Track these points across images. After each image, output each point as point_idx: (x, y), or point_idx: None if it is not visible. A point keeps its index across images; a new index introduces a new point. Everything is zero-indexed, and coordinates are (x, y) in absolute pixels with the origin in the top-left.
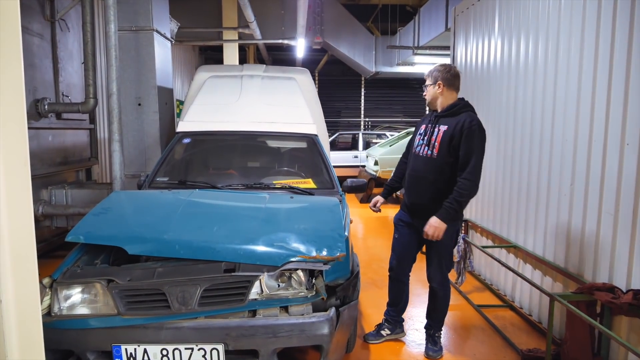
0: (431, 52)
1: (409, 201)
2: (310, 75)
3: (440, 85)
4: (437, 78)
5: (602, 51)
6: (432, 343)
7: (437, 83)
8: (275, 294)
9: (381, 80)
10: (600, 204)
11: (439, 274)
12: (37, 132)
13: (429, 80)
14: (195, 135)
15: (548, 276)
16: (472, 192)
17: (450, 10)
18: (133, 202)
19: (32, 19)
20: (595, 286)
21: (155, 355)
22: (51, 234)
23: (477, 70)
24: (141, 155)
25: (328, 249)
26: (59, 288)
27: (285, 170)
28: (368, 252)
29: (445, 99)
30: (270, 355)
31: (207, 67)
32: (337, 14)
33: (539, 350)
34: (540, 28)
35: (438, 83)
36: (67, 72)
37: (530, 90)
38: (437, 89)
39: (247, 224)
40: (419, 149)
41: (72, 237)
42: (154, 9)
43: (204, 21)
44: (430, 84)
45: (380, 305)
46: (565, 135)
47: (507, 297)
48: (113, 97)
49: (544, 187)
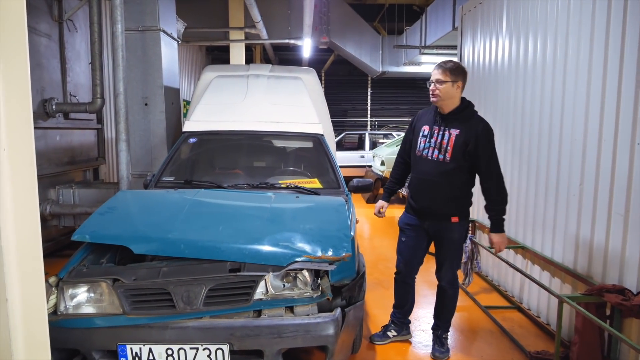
0: (438, 52)
1: (419, 205)
2: (316, 75)
3: (459, 86)
4: (459, 77)
5: (612, 49)
6: (439, 344)
7: (457, 82)
8: (280, 294)
9: (388, 80)
10: (610, 204)
11: (450, 272)
12: (45, 132)
13: (447, 76)
14: (201, 135)
15: (557, 277)
16: (506, 194)
17: (458, 9)
18: (139, 202)
19: (40, 19)
20: (605, 288)
21: (160, 355)
22: (59, 233)
23: (485, 70)
24: (148, 154)
25: (334, 249)
26: (64, 287)
27: (291, 170)
28: (374, 253)
29: (456, 100)
30: (275, 355)
31: (213, 67)
32: (344, 14)
33: (547, 352)
34: (549, 26)
35: (458, 83)
36: (75, 72)
37: (539, 90)
38: (456, 89)
39: (253, 224)
40: (426, 152)
41: (78, 236)
42: (160, 9)
43: (210, 21)
44: (450, 81)
45: (387, 306)
46: (574, 134)
47: (514, 298)
48: (120, 97)
49: (553, 187)
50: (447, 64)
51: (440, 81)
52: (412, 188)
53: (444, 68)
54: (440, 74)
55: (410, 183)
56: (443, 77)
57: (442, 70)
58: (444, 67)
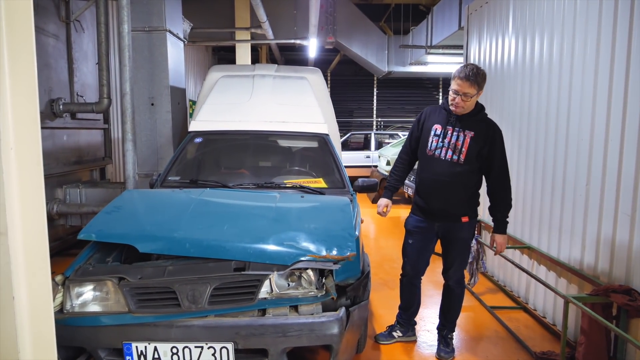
0: (444, 52)
1: (430, 206)
2: (322, 75)
3: (480, 93)
4: (482, 84)
5: (618, 49)
6: (445, 344)
7: (481, 91)
8: (285, 293)
9: (394, 80)
10: (617, 204)
11: (459, 272)
12: (53, 131)
13: (473, 88)
14: (207, 135)
15: (563, 278)
16: (512, 198)
17: (464, 9)
18: (145, 201)
19: (47, 20)
20: (612, 288)
21: (166, 354)
22: (66, 232)
23: (491, 69)
24: (154, 154)
25: (338, 248)
26: (71, 285)
27: (296, 170)
28: (380, 253)
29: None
30: (280, 354)
31: (219, 67)
32: (350, 14)
33: (553, 352)
34: (555, 26)
35: (480, 91)
36: (82, 73)
37: (545, 90)
38: (478, 96)
39: (258, 223)
40: (439, 152)
41: (84, 235)
42: (166, 9)
43: (216, 21)
44: (476, 92)
45: (392, 306)
46: (581, 134)
47: (520, 298)
48: (126, 97)
49: (559, 187)
50: (476, 77)
51: (467, 94)
52: (423, 189)
53: (471, 81)
54: (467, 86)
55: (421, 183)
56: (470, 90)
57: (469, 83)
58: (472, 80)
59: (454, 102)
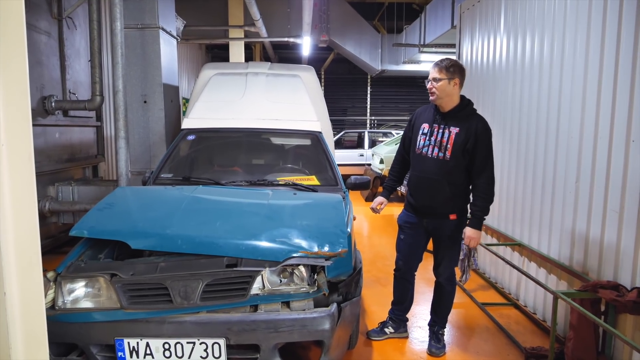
0: (437, 50)
1: (418, 203)
2: (315, 73)
3: (456, 83)
4: (455, 74)
5: (607, 48)
6: (436, 340)
7: (454, 79)
8: (276, 289)
9: (387, 79)
10: (606, 201)
11: (448, 269)
12: (45, 129)
13: (442, 74)
14: (199, 132)
15: (553, 274)
16: (493, 195)
17: (457, 8)
18: (137, 198)
19: (39, 17)
20: (600, 284)
21: (158, 349)
22: (58, 230)
23: (483, 68)
24: (147, 152)
25: (330, 244)
26: (62, 282)
27: (289, 167)
28: (373, 250)
29: (455, 97)
30: (272, 350)
31: (212, 64)
32: (343, 12)
33: (542, 348)
34: (546, 25)
35: (455, 80)
36: (74, 70)
37: (536, 88)
38: (453, 86)
39: (250, 220)
40: (426, 150)
41: (76, 232)
42: (159, 6)
43: (210, 19)
44: (446, 78)
45: (384, 303)
46: (571, 132)
47: (511, 295)
48: (119, 94)
49: (549, 185)
50: (443, 62)
51: (436, 79)
52: (411, 186)
53: (440, 66)
54: (436, 72)
55: (410, 181)
56: (439, 75)
57: (438, 68)
58: (440, 65)
59: (429, 89)
